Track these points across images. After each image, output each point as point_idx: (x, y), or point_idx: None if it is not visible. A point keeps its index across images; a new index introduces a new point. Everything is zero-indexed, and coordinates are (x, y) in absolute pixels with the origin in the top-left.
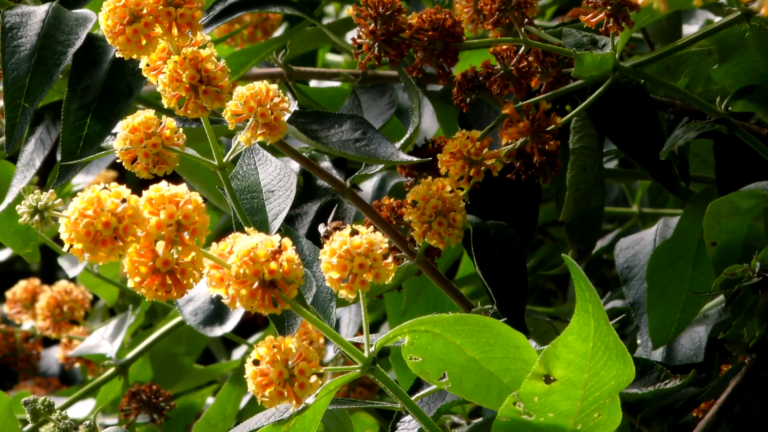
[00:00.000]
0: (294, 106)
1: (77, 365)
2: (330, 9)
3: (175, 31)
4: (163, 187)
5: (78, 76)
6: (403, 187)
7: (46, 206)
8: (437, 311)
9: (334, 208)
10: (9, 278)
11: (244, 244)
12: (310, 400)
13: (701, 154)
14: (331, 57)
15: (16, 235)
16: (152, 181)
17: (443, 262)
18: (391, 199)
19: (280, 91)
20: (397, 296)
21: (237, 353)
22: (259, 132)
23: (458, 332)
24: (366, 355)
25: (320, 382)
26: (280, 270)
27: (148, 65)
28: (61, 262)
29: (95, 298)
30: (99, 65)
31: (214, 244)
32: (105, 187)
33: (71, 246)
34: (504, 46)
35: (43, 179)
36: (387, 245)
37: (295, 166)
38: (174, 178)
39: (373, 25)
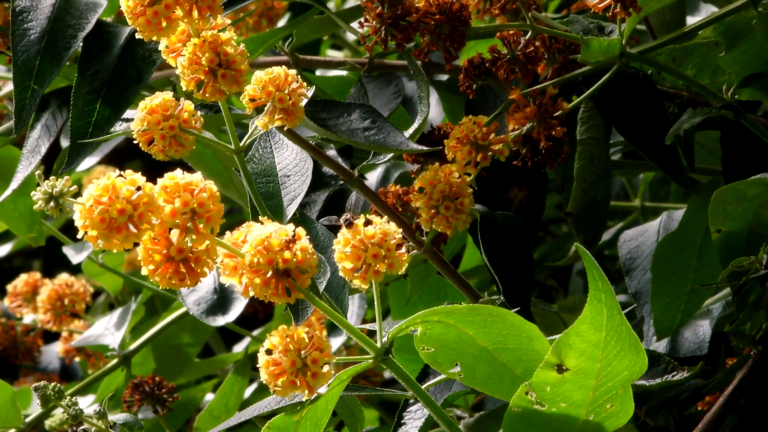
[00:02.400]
0: (311, 93)
1: (77, 359)
2: (330, 5)
3: (195, 13)
4: (178, 175)
5: (88, 60)
6: (408, 177)
7: (62, 193)
8: (440, 302)
9: (354, 199)
10: (8, 275)
11: (258, 233)
12: (322, 389)
13: (708, 144)
14: (332, 53)
15: (20, 219)
16: (153, 172)
17: (445, 256)
18: (397, 186)
19: (298, 76)
20: (400, 289)
21: (238, 347)
22: (276, 117)
23: (471, 323)
24: (378, 345)
25: (333, 371)
26: (294, 259)
27: (167, 47)
28: (66, 250)
29: (96, 294)
30: (109, 50)
31: (228, 232)
32: (120, 174)
33: (86, 233)
34: (511, 31)
35: (47, 166)
36: (400, 235)
37: None
38: (178, 165)
39: (380, 8)
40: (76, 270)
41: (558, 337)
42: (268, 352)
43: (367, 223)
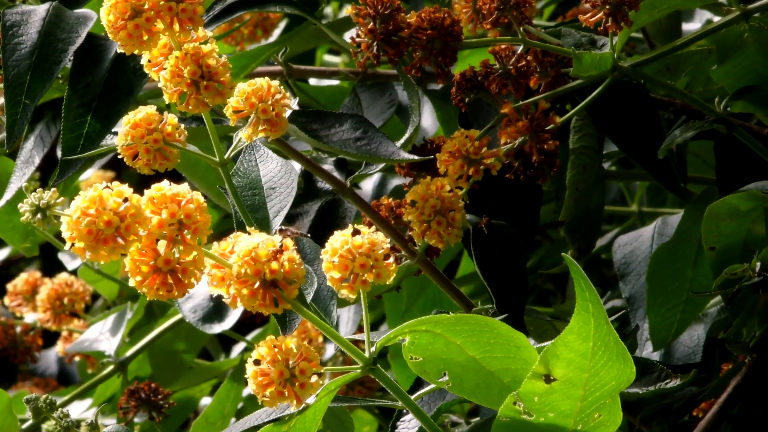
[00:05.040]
0: (295, 104)
1: (77, 359)
2: (328, 10)
3: (176, 26)
4: (165, 186)
5: (79, 74)
6: (402, 188)
7: (48, 205)
8: (437, 308)
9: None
10: (6, 282)
11: (246, 243)
12: (310, 399)
13: (702, 154)
14: (329, 58)
15: (14, 230)
16: (150, 181)
17: (442, 261)
18: (390, 199)
19: (282, 87)
20: (396, 295)
21: (235, 351)
22: (260, 128)
23: (459, 332)
24: (367, 355)
25: (321, 382)
26: (282, 270)
27: (149, 61)
28: (61, 256)
29: (94, 297)
30: (100, 63)
31: (215, 243)
32: (107, 186)
33: (73, 244)
34: (503, 46)
35: (43, 176)
36: (388, 245)
37: (296, 167)
38: (173, 176)
39: (372, 24)
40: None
41: (546, 347)
42: (256, 362)
43: (355, 233)
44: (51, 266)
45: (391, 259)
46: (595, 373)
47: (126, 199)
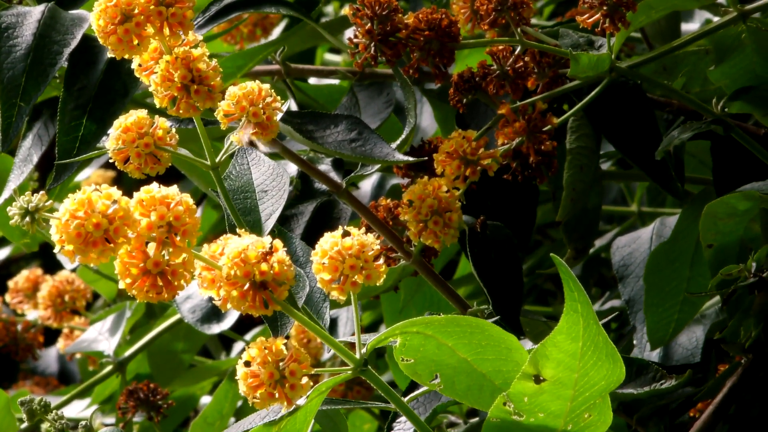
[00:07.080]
0: (287, 105)
1: (78, 356)
2: (329, 9)
3: (166, 30)
4: (154, 189)
5: (74, 76)
6: (399, 188)
7: (37, 207)
8: (434, 310)
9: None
10: (7, 281)
11: (235, 245)
12: (301, 401)
13: (699, 155)
14: (330, 56)
15: (14, 226)
16: (151, 180)
17: (440, 260)
18: (388, 200)
19: (272, 90)
20: (393, 296)
21: (236, 350)
22: (251, 131)
23: (450, 333)
24: (357, 356)
25: (311, 383)
26: (271, 271)
27: (140, 65)
28: (59, 255)
29: (96, 294)
30: (95, 65)
31: (205, 245)
32: (96, 189)
33: (62, 247)
34: (500, 47)
35: (42, 175)
36: (379, 246)
37: (293, 168)
38: (172, 176)
39: (369, 24)
40: None
41: (535, 348)
42: (247, 364)
43: (345, 234)
44: (51, 265)
45: (382, 260)
46: (584, 373)
47: (115, 202)
